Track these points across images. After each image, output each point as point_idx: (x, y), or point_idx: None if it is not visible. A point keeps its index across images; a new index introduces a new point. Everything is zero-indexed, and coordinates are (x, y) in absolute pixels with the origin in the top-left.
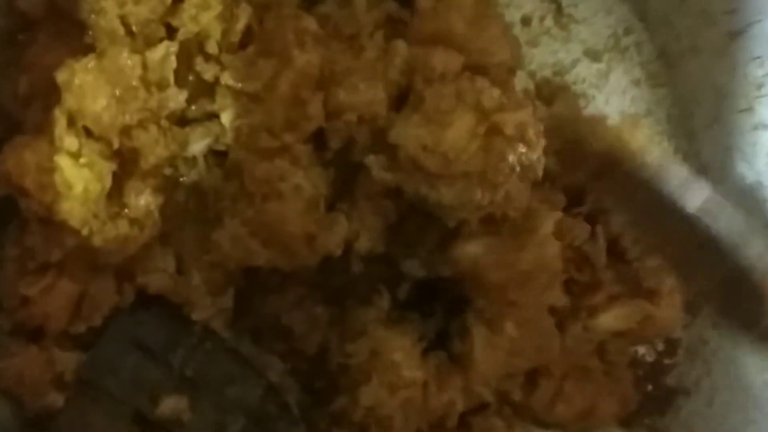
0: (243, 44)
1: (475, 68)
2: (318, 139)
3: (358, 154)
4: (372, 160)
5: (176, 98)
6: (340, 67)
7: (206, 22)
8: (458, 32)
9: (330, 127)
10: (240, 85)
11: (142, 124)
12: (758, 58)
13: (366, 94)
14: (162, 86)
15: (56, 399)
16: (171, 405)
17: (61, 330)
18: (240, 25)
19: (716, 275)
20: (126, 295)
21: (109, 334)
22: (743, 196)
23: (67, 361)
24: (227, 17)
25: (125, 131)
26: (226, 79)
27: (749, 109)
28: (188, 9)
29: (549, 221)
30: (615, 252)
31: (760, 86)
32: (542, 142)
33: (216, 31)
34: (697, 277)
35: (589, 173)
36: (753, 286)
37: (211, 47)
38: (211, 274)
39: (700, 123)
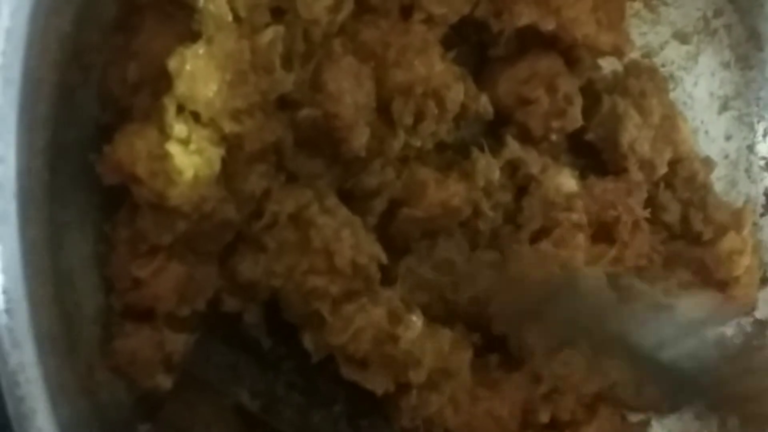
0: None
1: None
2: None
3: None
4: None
5: (284, 81)
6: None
7: (318, 11)
8: None
9: (397, 106)
10: None
11: (250, 109)
12: None
13: (422, 69)
14: (270, 70)
15: (165, 381)
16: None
17: (170, 312)
18: (341, 16)
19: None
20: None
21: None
22: None
23: (176, 342)
24: (333, 8)
25: (234, 116)
26: None
27: None
28: None
29: None
30: (688, 235)
31: None
32: None
33: (323, 21)
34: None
35: None
36: None
37: (316, 35)
38: None
39: None
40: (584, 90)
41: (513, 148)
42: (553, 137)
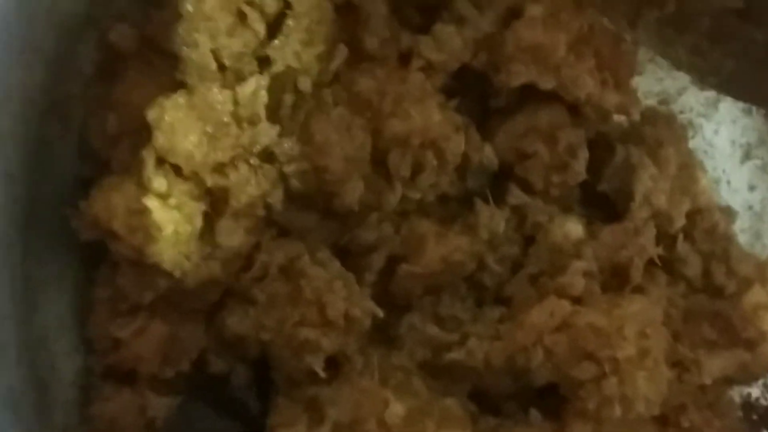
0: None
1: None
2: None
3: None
4: None
5: (268, 133)
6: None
7: (308, 59)
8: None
9: (393, 158)
10: None
11: (233, 162)
12: None
13: (419, 119)
14: (253, 122)
15: None
16: None
17: (152, 373)
18: (334, 65)
19: None
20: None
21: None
22: None
23: (159, 406)
24: (325, 56)
25: (216, 169)
26: None
27: None
28: (292, 44)
29: None
30: (710, 288)
31: None
32: None
33: (314, 70)
34: None
35: None
36: None
37: (304, 84)
38: None
39: None
40: (596, 140)
41: (517, 195)
42: (555, 192)
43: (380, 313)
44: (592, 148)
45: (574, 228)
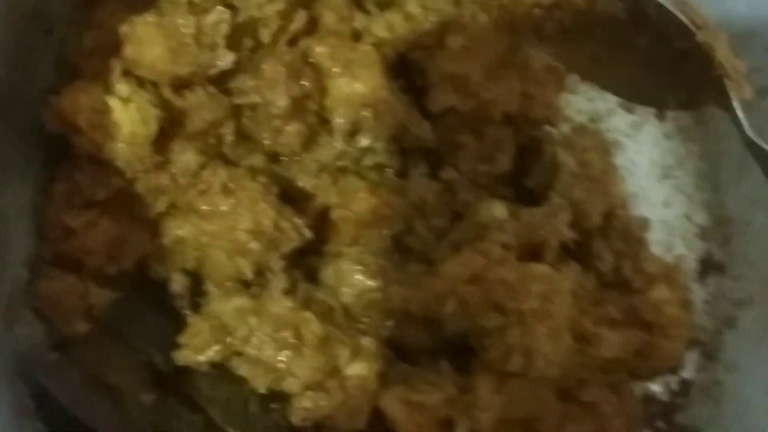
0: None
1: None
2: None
3: None
4: None
5: (225, 58)
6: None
7: (269, 13)
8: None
9: (337, 113)
10: None
11: (191, 82)
12: None
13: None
14: (212, 47)
15: (82, 327)
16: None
17: (98, 267)
18: (294, 26)
19: None
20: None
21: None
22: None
23: (100, 296)
24: (285, 16)
25: (175, 84)
26: None
27: None
28: None
29: None
30: (619, 282)
31: None
32: None
33: (273, 25)
34: None
35: None
36: None
37: (265, 37)
38: None
39: (727, 177)
40: (529, 144)
41: (450, 172)
42: (482, 180)
43: (309, 234)
44: (524, 150)
45: (498, 208)
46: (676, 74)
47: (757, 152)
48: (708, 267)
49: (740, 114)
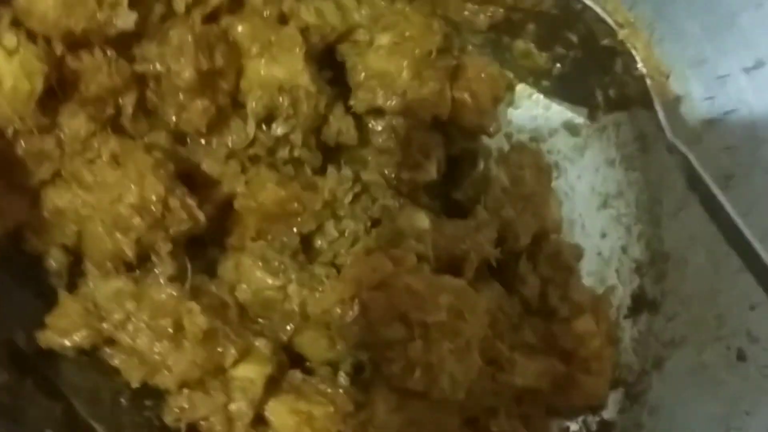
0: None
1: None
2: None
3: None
4: None
5: (126, 18)
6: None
7: None
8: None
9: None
10: None
11: (88, 38)
12: (729, 148)
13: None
14: (113, 5)
15: None
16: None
17: None
18: (214, 1)
19: None
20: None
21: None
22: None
23: None
24: None
25: (72, 48)
26: None
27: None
28: None
29: None
30: (544, 310)
31: (729, 177)
32: None
33: None
34: None
35: None
36: None
37: (179, 5)
38: None
39: (668, 210)
40: (462, 155)
41: (372, 172)
42: (404, 188)
43: (202, 218)
44: (456, 161)
45: (420, 218)
46: (604, 73)
47: (678, 158)
48: (640, 303)
49: (662, 115)
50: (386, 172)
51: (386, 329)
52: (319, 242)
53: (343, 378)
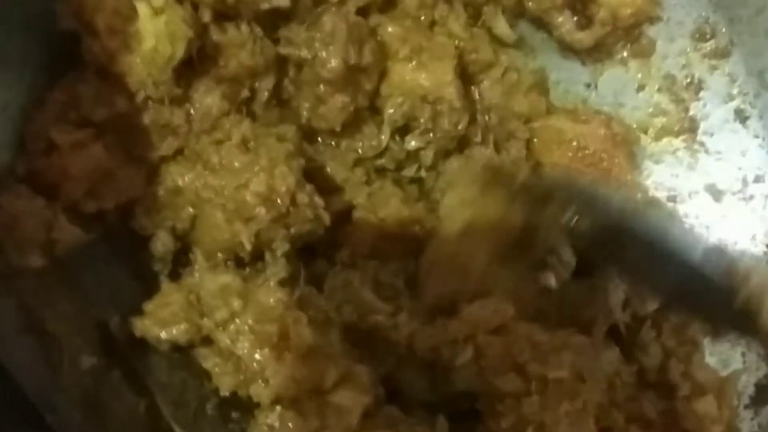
0: None
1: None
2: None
3: None
4: None
5: None
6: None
7: None
8: None
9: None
10: None
11: (239, 9)
12: None
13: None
14: None
15: (37, 262)
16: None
17: (74, 198)
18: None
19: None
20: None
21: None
22: None
23: (67, 233)
24: None
25: (219, 19)
26: None
27: None
28: None
29: None
30: (663, 384)
31: None
32: None
33: None
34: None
35: None
36: None
37: None
38: None
39: None
40: None
41: None
42: None
43: (327, 220)
44: None
45: (546, 276)
46: None
47: None
48: (764, 394)
49: None
50: None
51: (500, 379)
52: None
53: (441, 424)
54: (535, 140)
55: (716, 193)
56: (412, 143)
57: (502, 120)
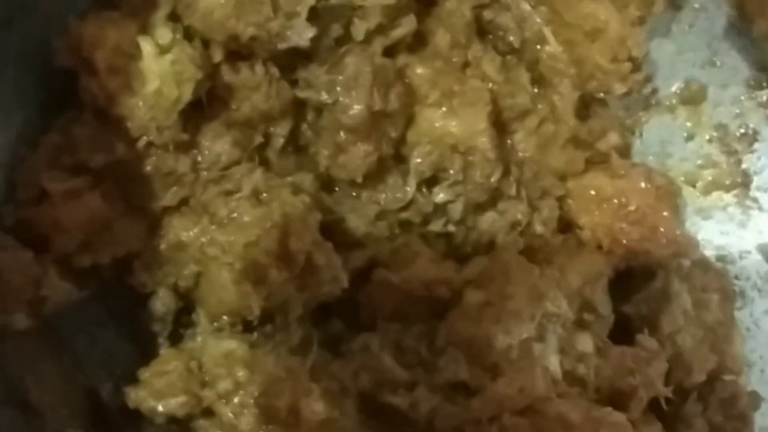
0: None
1: None
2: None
3: None
4: None
5: (302, 33)
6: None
7: (373, 3)
8: None
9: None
10: None
11: (252, 48)
12: None
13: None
14: (290, 16)
15: (21, 323)
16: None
17: (66, 251)
18: (398, 33)
19: None
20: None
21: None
22: None
23: (57, 289)
24: (391, 15)
25: (231, 57)
26: None
27: None
28: None
29: None
30: None
31: None
32: None
33: (372, 20)
34: None
35: None
36: None
37: (358, 31)
38: None
39: None
40: (638, 267)
41: None
42: None
43: (345, 282)
44: (630, 270)
45: (583, 339)
46: None
47: None
48: None
49: None
50: None
51: None
52: None
53: None
54: (569, 201)
55: None
56: (441, 195)
57: (537, 175)
